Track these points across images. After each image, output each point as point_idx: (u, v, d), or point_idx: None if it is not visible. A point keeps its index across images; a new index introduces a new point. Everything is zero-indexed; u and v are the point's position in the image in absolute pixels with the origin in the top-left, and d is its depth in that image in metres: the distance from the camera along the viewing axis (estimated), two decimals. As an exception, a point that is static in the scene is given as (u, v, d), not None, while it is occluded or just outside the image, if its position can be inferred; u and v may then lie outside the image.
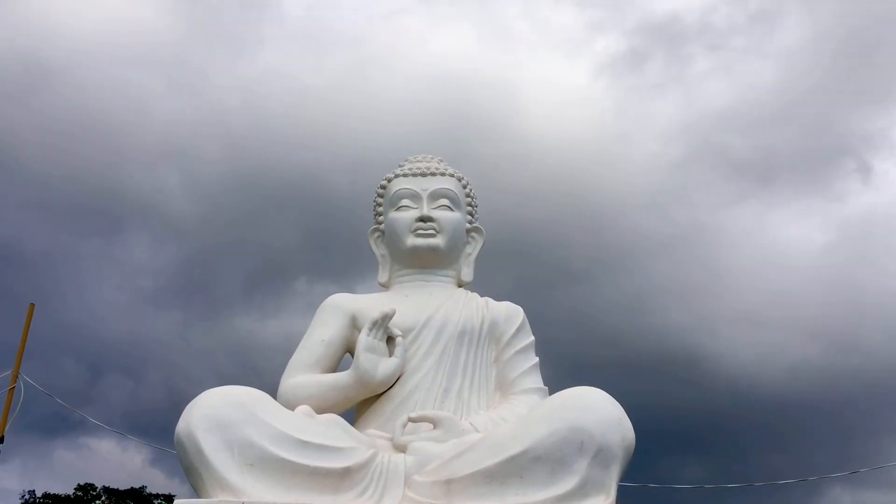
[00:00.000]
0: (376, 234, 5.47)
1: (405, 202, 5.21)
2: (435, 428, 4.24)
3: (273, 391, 4.64)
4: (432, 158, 5.51)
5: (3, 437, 10.55)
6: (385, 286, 5.35)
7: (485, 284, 5.41)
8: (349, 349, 4.94)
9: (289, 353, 4.96)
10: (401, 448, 4.16)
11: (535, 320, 5.16)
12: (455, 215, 5.25)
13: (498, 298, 5.24)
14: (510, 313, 5.08)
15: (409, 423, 4.30)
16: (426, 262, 5.17)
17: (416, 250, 5.11)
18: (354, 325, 4.92)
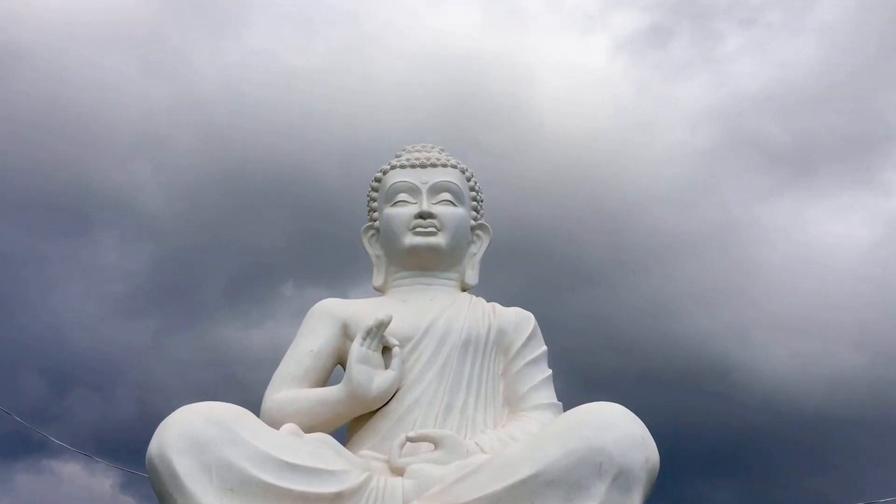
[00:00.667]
0: (370, 233, 5.47)
1: (402, 197, 5.21)
2: (436, 448, 4.22)
3: (258, 407, 4.64)
4: (433, 148, 5.51)
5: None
6: (380, 290, 5.35)
7: (491, 288, 5.41)
8: (340, 360, 4.93)
9: (275, 364, 4.95)
10: (398, 471, 4.13)
11: (547, 327, 5.16)
12: (458, 211, 5.24)
13: (506, 303, 5.23)
14: (520, 320, 5.07)
15: (408, 443, 4.27)
16: (426, 263, 5.17)
17: (414, 250, 5.11)
18: (346, 333, 4.91)
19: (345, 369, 4.66)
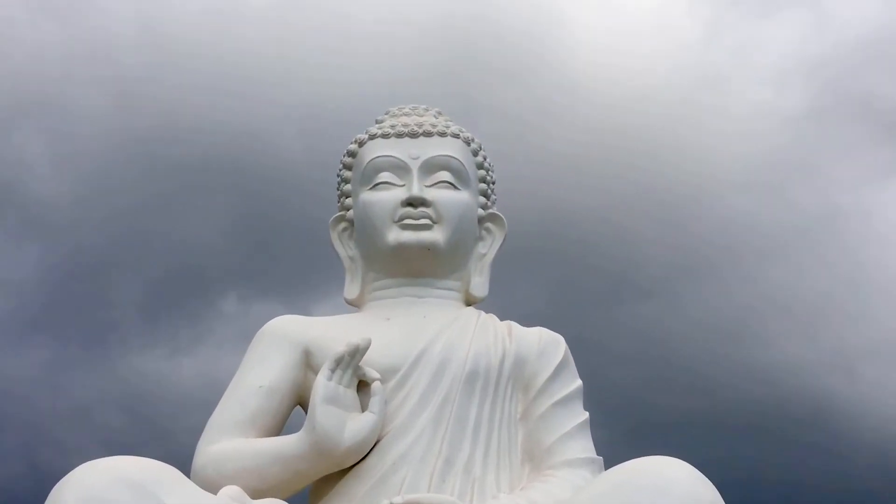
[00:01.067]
0: (342, 226, 5.50)
1: (385, 177, 5.23)
2: (431, 520, 4.21)
3: (188, 462, 4.65)
4: (426, 110, 5.54)
5: None
6: (355, 304, 5.39)
7: (507, 301, 5.42)
8: (301, 400, 4.96)
9: (211, 406, 4.97)
10: (379, 552, 4.15)
11: (584, 354, 5.19)
12: (461, 196, 5.27)
13: (527, 322, 5.26)
14: (546, 345, 5.10)
15: (393, 513, 4.26)
16: (417, 266, 5.20)
17: (402, 249, 5.12)
18: (309, 363, 4.93)
19: (306, 412, 4.67)
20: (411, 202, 5.13)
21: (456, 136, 5.41)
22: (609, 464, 4.64)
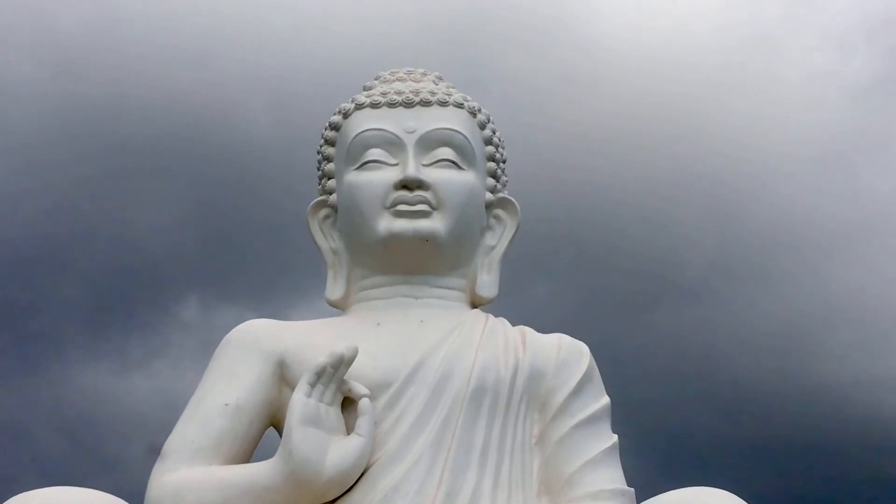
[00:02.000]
0: (323, 214, 5.52)
1: (375, 154, 5.23)
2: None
3: (137, 496, 4.65)
4: (424, 75, 5.57)
5: None
6: (339, 306, 5.41)
7: (521, 303, 5.42)
8: (274, 421, 4.97)
9: (168, 428, 4.97)
10: None
11: (612, 367, 5.17)
12: (465, 178, 5.27)
13: (544, 328, 5.27)
14: (567, 355, 5.10)
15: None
16: (413, 261, 5.20)
17: (394, 240, 5.12)
18: (284, 376, 4.94)
19: (281, 435, 4.68)
20: (406, 184, 5.11)
21: (459, 105, 5.42)
22: (641, 496, 4.69)
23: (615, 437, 4.99)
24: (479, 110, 5.51)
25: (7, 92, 16.83)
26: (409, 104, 5.32)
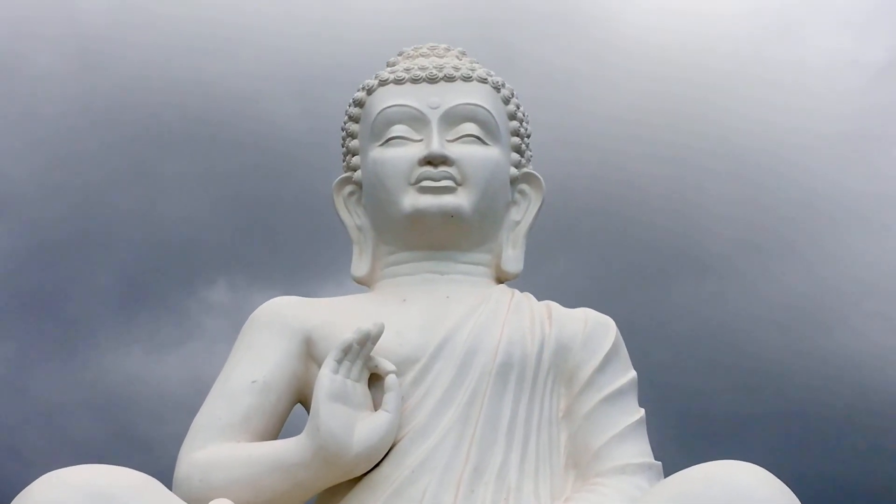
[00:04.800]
0: (348, 190, 5.51)
1: (399, 130, 5.21)
2: (459, 537, 4.21)
3: (167, 474, 4.62)
4: (447, 51, 5.55)
5: None
6: (365, 283, 5.40)
7: (545, 278, 5.38)
8: (301, 397, 4.96)
9: (196, 409, 4.96)
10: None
11: (636, 341, 5.16)
12: (490, 153, 5.24)
13: (569, 303, 5.24)
14: (593, 330, 5.08)
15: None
16: (439, 238, 5.18)
17: (420, 217, 5.10)
18: (311, 353, 4.93)
19: (308, 411, 4.65)
20: (431, 160, 5.08)
21: (483, 80, 5.38)
22: (669, 469, 4.61)
23: (642, 411, 4.96)
24: (503, 85, 5.47)
25: (35, 87, 16.90)
26: (432, 80, 5.29)
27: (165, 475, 4.52)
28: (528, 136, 5.58)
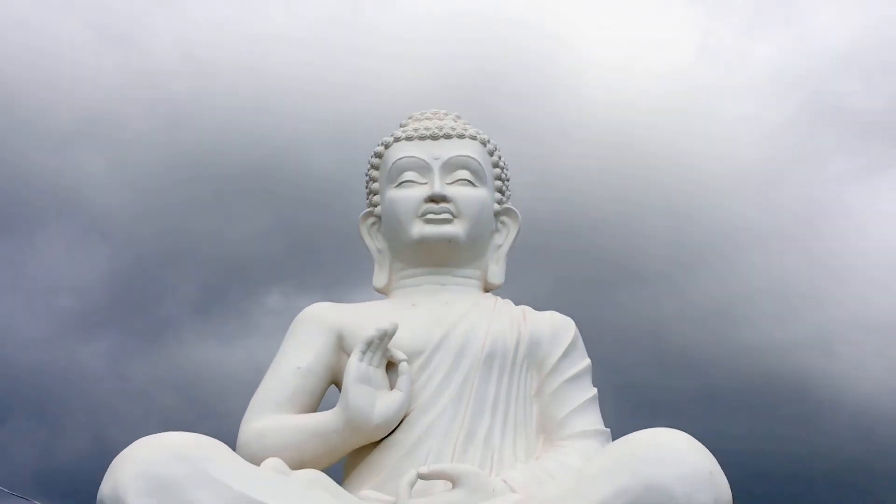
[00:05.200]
0: (370, 221, 5.45)
1: (409, 176, 5.17)
2: (454, 487, 4.17)
3: (232, 439, 4.59)
4: (446, 115, 5.49)
5: None
6: (383, 292, 5.34)
7: (520, 287, 5.37)
8: (335, 380, 4.91)
9: (255, 388, 4.92)
10: (407, 516, 4.09)
11: (590, 336, 5.16)
12: (478, 193, 5.20)
13: (539, 306, 5.19)
14: (558, 328, 5.04)
15: (419, 482, 4.21)
16: (440, 257, 5.14)
17: (425, 241, 5.07)
18: (342, 346, 4.88)
19: (340, 390, 4.63)
20: (433, 199, 5.07)
21: (473, 137, 5.35)
22: (616, 434, 4.60)
23: (595, 390, 4.96)
24: (488, 141, 5.43)
25: (130, 136, 16.94)
26: (434, 137, 5.26)
27: (230, 438, 4.51)
28: (508, 179, 5.52)
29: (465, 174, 5.18)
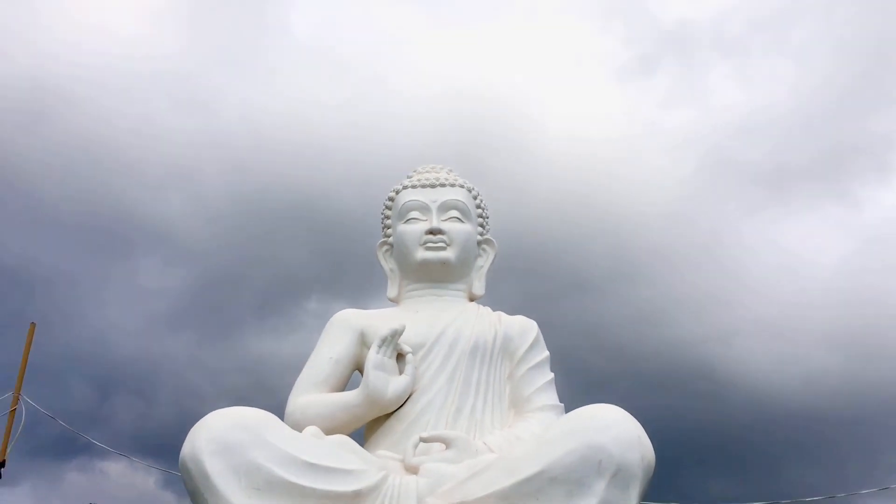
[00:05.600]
0: (385, 248, 5.41)
1: (414, 214, 5.16)
2: (448, 448, 4.15)
3: (284, 409, 4.60)
4: (441, 168, 5.47)
5: (4, 461, 10.34)
6: (394, 301, 5.30)
7: (497, 296, 5.35)
8: (358, 367, 4.88)
9: (300, 371, 4.90)
10: (412, 469, 4.07)
11: (547, 332, 5.09)
12: (465, 227, 5.18)
13: (511, 310, 5.17)
14: (524, 328, 5.01)
15: (421, 444, 4.21)
16: (436, 275, 5.11)
17: (425, 264, 5.06)
18: (363, 341, 4.85)
19: (362, 375, 4.62)
20: (432, 231, 5.06)
21: (461, 186, 5.34)
22: (567, 408, 4.62)
23: (552, 375, 4.93)
24: (472, 188, 5.42)
25: (205, 184, 17.02)
26: (433, 185, 5.26)
27: (281, 411, 4.51)
28: (487, 217, 5.50)
29: (455, 213, 5.17)
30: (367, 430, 4.68)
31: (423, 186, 5.26)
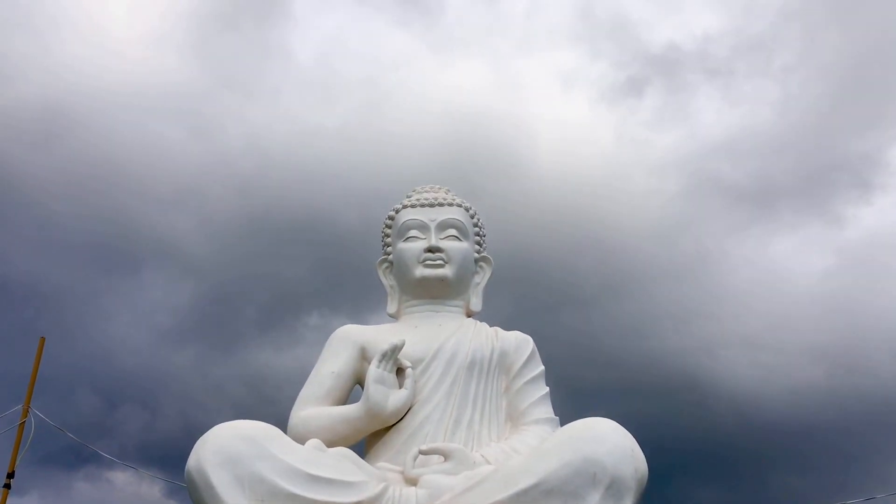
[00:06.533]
0: (385, 265, 5.37)
1: (413, 233, 5.13)
2: (446, 460, 4.11)
3: (286, 422, 4.55)
4: (440, 188, 5.45)
5: (13, 472, 10.26)
6: (394, 317, 5.25)
7: (492, 310, 5.32)
8: (359, 381, 4.83)
9: (302, 385, 4.84)
10: (412, 481, 4.02)
11: (541, 345, 5.05)
12: (463, 245, 5.15)
13: (505, 323, 5.13)
14: (520, 343, 4.96)
15: (420, 456, 4.16)
16: (435, 292, 5.07)
17: (424, 280, 5.02)
18: (364, 356, 4.81)
19: (363, 389, 4.58)
20: (431, 249, 5.04)
21: (459, 205, 5.32)
22: (562, 419, 4.60)
23: (547, 389, 4.88)
24: (469, 208, 5.39)
25: (211, 204, 17.03)
26: (431, 205, 5.23)
27: (283, 423, 4.47)
28: (484, 236, 5.48)
29: (453, 232, 5.14)
30: (367, 442, 4.62)
31: (423, 206, 5.23)
